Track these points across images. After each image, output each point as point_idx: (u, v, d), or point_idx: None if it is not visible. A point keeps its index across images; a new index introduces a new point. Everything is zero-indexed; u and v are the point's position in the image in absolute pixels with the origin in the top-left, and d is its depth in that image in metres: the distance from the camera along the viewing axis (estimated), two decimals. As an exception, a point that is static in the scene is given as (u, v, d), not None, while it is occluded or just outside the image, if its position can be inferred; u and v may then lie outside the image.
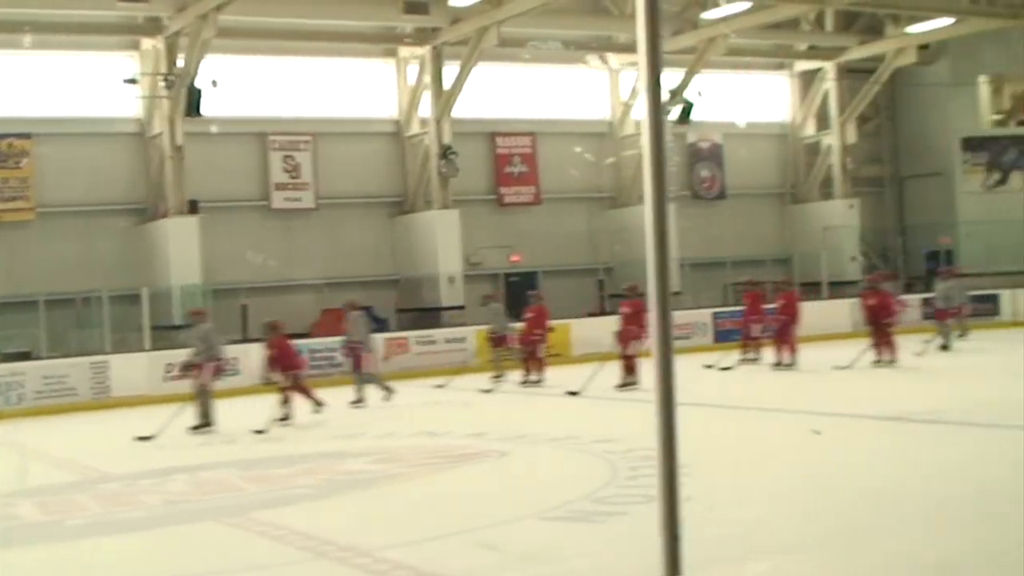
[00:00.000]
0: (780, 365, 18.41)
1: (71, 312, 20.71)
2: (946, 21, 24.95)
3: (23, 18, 20.01)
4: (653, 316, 3.11)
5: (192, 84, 20.52)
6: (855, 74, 28.00)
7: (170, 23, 20.66)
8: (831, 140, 28.32)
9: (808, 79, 28.66)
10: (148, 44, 21.39)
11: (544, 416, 14.48)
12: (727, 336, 22.20)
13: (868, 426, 11.89)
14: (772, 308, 19.11)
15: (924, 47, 26.92)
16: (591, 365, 16.49)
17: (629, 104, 25.99)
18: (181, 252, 20.98)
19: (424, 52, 23.56)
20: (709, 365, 18.26)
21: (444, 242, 23.44)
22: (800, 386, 16.58)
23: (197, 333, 14.66)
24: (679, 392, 3.25)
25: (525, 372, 18.04)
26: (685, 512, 3.32)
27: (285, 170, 23.24)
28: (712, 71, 25.97)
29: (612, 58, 26.02)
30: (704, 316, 23.76)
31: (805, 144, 29.00)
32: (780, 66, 28.85)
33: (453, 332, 21.59)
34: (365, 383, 16.30)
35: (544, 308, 18.44)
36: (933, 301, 21.36)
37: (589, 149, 25.80)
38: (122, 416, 16.19)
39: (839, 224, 27.65)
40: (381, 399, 16.10)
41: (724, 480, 9.08)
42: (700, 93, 25.38)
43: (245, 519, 8.56)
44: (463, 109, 23.77)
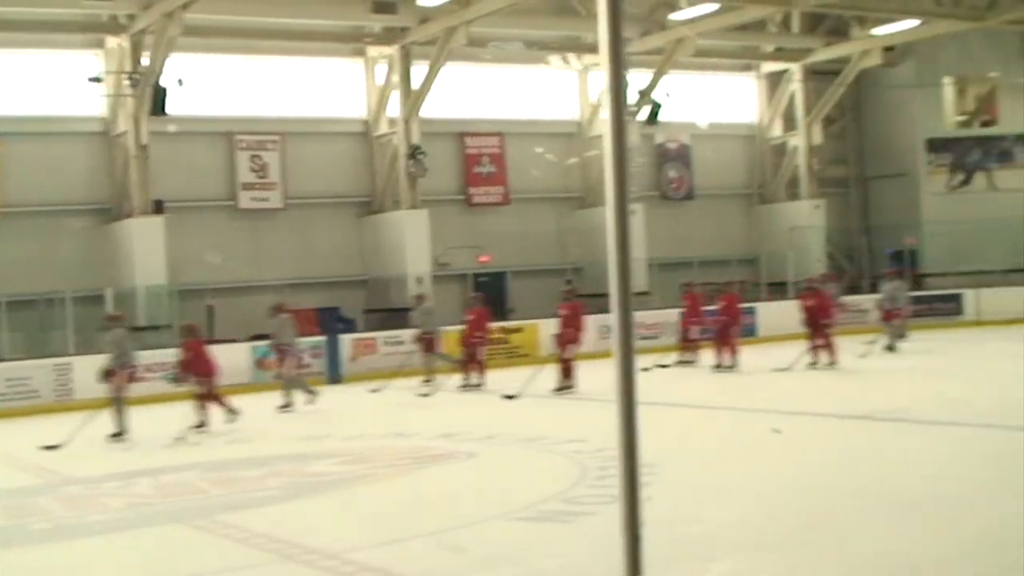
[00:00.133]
0: (721, 367, 18.23)
1: (34, 313, 20.42)
2: (911, 23, 25.20)
3: (-15, 15, 19.75)
4: (615, 316, 3.11)
5: (157, 83, 20.32)
6: (821, 76, 28.23)
7: (135, 21, 20.45)
8: (797, 141, 28.53)
9: (775, 80, 28.86)
10: (113, 42, 21.15)
11: (514, 417, 14.46)
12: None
13: (831, 425, 12.00)
14: (713, 310, 18.96)
15: (889, 49, 27.18)
16: (530, 368, 16.42)
17: (598, 105, 26.04)
18: (146, 252, 20.77)
19: (392, 52, 23.49)
20: (645, 368, 17.01)
21: (412, 242, 23.37)
22: (755, 387, 16.49)
23: (112, 338, 14.15)
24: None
25: (465, 375, 17.79)
26: (650, 512, 3.32)
27: (252, 170, 23.06)
28: (680, 72, 26.10)
29: (573, 59, 26.01)
30: (672, 316, 23.79)
31: (772, 145, 29.19)
32: (747, 67, 29.03)
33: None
34: (290, 387, 16.11)
35: (485, 310, 18.30)
36: (880, 302, 21.18)
37: (558, 150, 25.82)
38: (86, 418, 15.99)
39: (805, 224, 27.87)
40: (304, 403, 15.96)
41: (690, 479, 9.12)
42: (668, 94, 25.50)
43: (210, 522, 8.49)
44: (432, 109, 23.71)
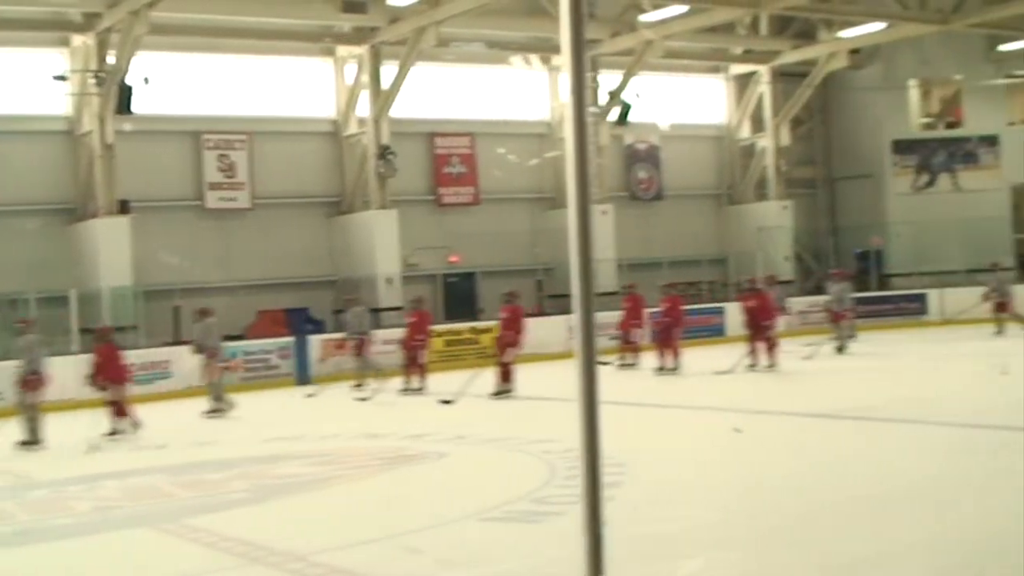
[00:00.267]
0: (663, 369, 18.08)
1: (-3, 314, 20.18)
2: (877, 26, 25.46)
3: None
4: (577, 317, 3.11)
5: (123, 81, 20.12)
6: (789, 78, 28.44)
7: (101, 19, 20.23)
8: (766, 142, 28.73)
9: (743, 82, 29.04)
10: (78, 40, 20.91)
11: (484, 417, 14.46)
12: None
13: (793, 424, 12.08)
14: (656, 311, 18.86)
15: (856, 51, 27.44)
16: (468, 372, 16.40)
17: (567, 105, 26.04)
18: (111, 253, 20.53)
19: (362, 51, 23.40)
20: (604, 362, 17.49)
21: (382, 243, 23.29)
22: (702, 389, 16.39)
23: (22, 344, 13.75)
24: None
25: (406, 379, 17.59)
26: (615, 511, 3.33)
27: (220, 169, 22.87)
28: (650, 73, 26.20)
29: (536, 60, 26.00)
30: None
31: (740, 146, 29.37)
32: (716, 69, 29.19)
33: (391, 333, 21.43)
34: (216, 391, 15.79)
35: (426, 313, 18.23)
36: (828, 304, 21.14)
37: (528, 150, 25.84)
38: (50, 421, 15.80)
39: (773, 225, 28.07)
40: (206, 411, 15.59)
41: (660, 478, 9.15)
42: (638, 95, 25.62)
43: (178, 525, 8.42)
44: (401, 109, 23.63)
